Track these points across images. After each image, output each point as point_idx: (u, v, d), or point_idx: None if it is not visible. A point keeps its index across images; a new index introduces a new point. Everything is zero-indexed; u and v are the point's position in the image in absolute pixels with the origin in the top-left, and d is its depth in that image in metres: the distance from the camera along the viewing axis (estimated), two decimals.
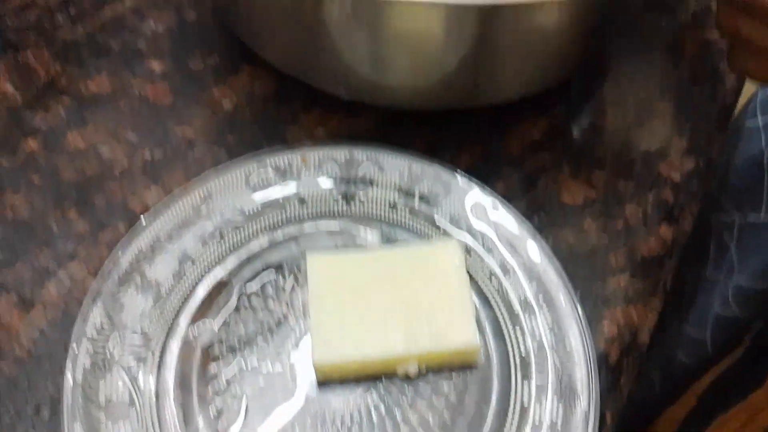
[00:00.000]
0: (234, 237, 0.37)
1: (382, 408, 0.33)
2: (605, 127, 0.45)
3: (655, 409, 0.65)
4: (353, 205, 0.39)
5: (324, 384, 0.33)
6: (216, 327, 0.35)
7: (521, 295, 0.36)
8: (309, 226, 0.38)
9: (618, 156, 0.43)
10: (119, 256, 0.35)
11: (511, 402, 0.33)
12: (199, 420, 0.32)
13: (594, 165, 0.43)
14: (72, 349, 0.32)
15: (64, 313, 0.36)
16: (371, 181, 0.39)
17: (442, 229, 0.38)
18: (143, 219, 0.36)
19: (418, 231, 0.38)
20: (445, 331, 0.33)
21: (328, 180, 0.39)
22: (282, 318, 0.35)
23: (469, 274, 0.36)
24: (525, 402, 0.33)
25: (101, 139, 0.42)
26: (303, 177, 0.39)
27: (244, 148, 0.42)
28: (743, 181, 0.56)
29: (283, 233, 0.38)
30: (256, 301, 0.36)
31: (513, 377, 0.34)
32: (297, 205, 0.38)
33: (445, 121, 0.43)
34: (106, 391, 0.32)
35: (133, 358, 0.33)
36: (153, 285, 0.35)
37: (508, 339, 0.35)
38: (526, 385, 0.33)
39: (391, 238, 0.38)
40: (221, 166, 0.39)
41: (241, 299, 0.36)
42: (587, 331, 0.34)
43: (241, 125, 0.43)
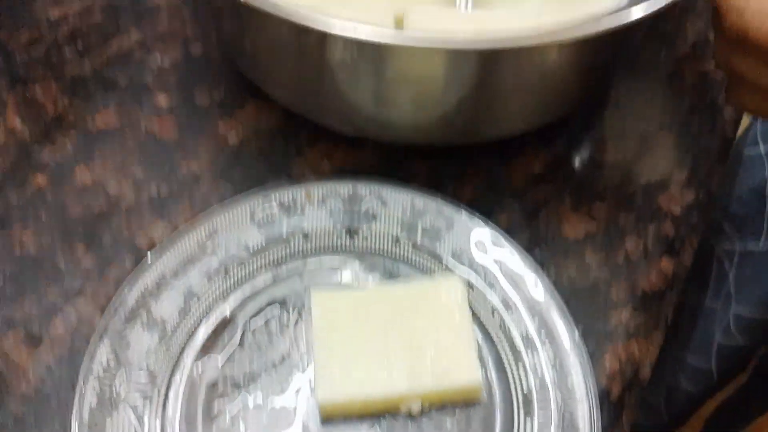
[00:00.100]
0: (239, 273, 0.38)
1: None
2: (606, 160, 0.45)
3: None
4: (357, 240, 0.39)
5: (328, 421, 0.34)
6: (220, 363, 0.35)
7: (523, 331, 0.36)
8: (313, 261, 0.39)
9: (618, 188, 0.44)
10: (125, 293, 0.36)
11: None
12: None
13: (595, 197, 0.43)
14: (79, 388, 0.33)
15: (71, 350, 0.36)
16: (374, 216, 0.40)
17: (444, 264, 0.38)
18: (149, 256, 0.37)
19: (420, 266, 0.39)
20: (448, 369, 0.34)
21: (331, 215, 0.40)
22: (286, 354, 0.36)
23: (472, 309, 0.37)
24: None
25: (108, 175, 0.42)
26: (307, 212, 0.40)
27: (249, 182, 0.42)
28: (744, 210, 0.56)
29: (287, 268, 0.38)
30: (260, 337, 0.36)
31: (515, 414, 0.34)
32: (301, 240, 0.39)
33: (448, 154, 0.44)
34: (112, 430, 0.32)
35: (140, 396, 0.33)
36: (159, 322, 0.35)
37: (510, 375, 0.35)
38: (528, 422, 0.34)
39: (394, 272, 0.39)
40: (227, 201, 0.39)
41: (246, 335, 0.36)
42: (589, 368, 0.35)
43: (247, 159, 0.44)
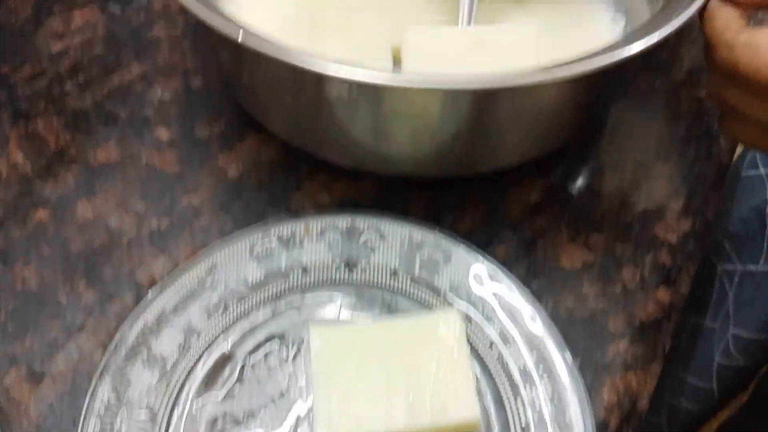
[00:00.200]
0: (238, 308, 0.38)
1: None
2: (602, 189, 0.46)
3: None
4: (355, 273, 0.40)
5: None
6: (220, 399, 0.35)
7: (521, 365, 0.36)
8: (311, 295, 0.39)
9: (615, 218, 0.44)
10: (126, 330, 0.36)
11: None
12: None
13: (592, 227, 0.44)
14: (80, 426, 0.33)
15: (72, 386, 0.36)
16: (373, 249, 0.40)
17: (442, 297, 0.39)
18: (150, 293, 0.37)
19: (419, 299, 0.39)
20: (447, 405, 0.34)
21: (330, 248, 0.40)
22: (285, 389, 0.36)
23: (470, 343, 0.37)
24: None
25: (109, 209, 0.43)
26: (306, 246, 0.40)
27: (249, 215, 0.43)
28: (744, 230, 0.56)
29: (286, 303, 0.39)
30: (259, 372, 0.36)
31: None
32: (300, 274, 0.39)
33: (446, 185, 0.44)
34: None
35: None
36: (159, 359, 0.36)
37: (508, 409, 0.35)
38: None
39: (392, 306, 0.39)
40: (227, 237, 0.40)
41: (245, 370, 0.36)
42: (587, 402, 0.35)
43: (247, 192, 0.44)
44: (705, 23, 0.37)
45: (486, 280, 0.39)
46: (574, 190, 0.45)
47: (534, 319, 0.37)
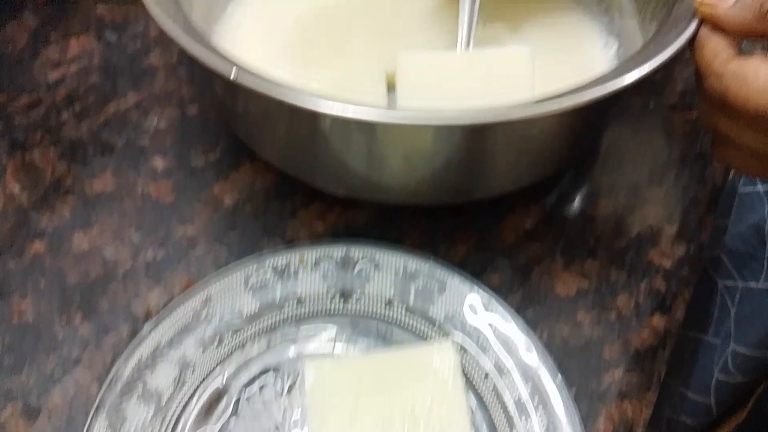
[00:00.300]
0: (233, 340, 0.38)
1: None
2: (596, 215, 0.46)
3: None
4: (350, 303, 0.40)
5: None
6: None
7: (516, 397, 0.36)
8: (306, 325, 0.39)
9: (609, 244, 0.44)
10: (122, 365, 0.36)
11: None
12: None
13: (586, 254, 0.44)
14: None
15: (68, 422, 0.37)
16: (367, 279, 0.40)
17: (437, 327, 0.39)
18: (145, 327, 0.37)
19: (414, 329, 0.39)
20: None
21: (325, 279, 0.40)
22: (280, 423, 0.36)
23: (465, 374, 0.37)
24: None
25: (105, 240, 0.43)
26: (300, 276, 0.40)
27: (244, 245, 0.43)
28: (744, 247, 0.56)
29: (281, 334, 0.39)
30: (254, 406, 0.37)
31: None
32: (295, 306, 0.39)
33: (441, 213, 0.44)
34: None
35: None
36: (154, 394, 0.36)
37: None
38: None
39: (387, 336, 0.39)
40: (222, 270, 0.40)
41: (240, 404, 0.37)
42: None
43: (242, 221, 0.44)
44: (695, 51, 0.37)
45: (481, 309, 0.39)
46: (568, 215, 0.46)
47: (529, 350, 0.37)
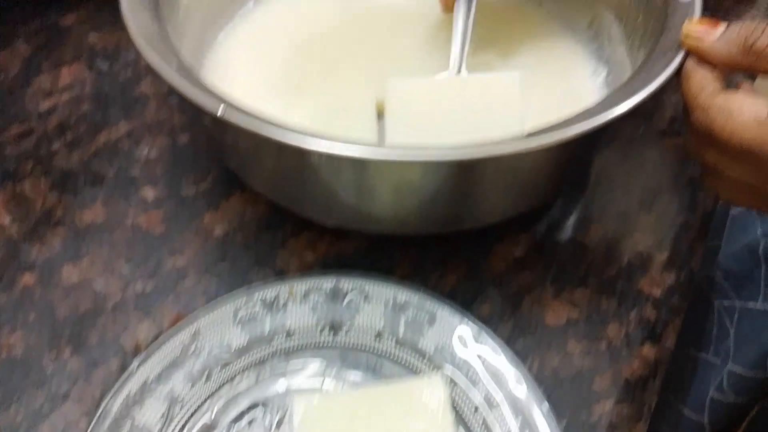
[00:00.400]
0: (221, 374, 0.38)
1: None
2: (586, 242, 0.46)
3: None
4: (339, 336, 0.40)
5: None
6: None
7: (506, 430, 0.36)
8: (295, 359, 0.39)
9: (600, 272, 0.44)
10: (110, 402, 0.36)
11: None
12: None
13: (576, 282, 0.44)
14: None
15: None
16: (357, 311, 0.40)
17: (427, 360, 0.39)
18: (134, 362, 0.37)
19: (403, 361, 0.39)
20: None
21: (314, 311, 0.40)
22: None
23: (455, 407, 0.37)
24: None
25: (95, 272, 0.43)
26: (290, 309, 0.40)
27: (234, 275, 0.43)
28: (739, 267, 0.56)
29: (271, 368, 0.39)
30: None
31: None
32: (284, 339, 0.39)
33: (431, 242, 0.44)
34: None
35: None
36: (143, 430, 0.36)
37: None
38: None
39: (377, 369, 0.39)
40: (210, 303, 0.40)
41: None
42: None
43: (232, 251, 0.44)
44: (682, 84, 0.37)
45: (470, 341, 0.39)
46: (558, 243, 0.46)
47: (519, 383, 0.37)
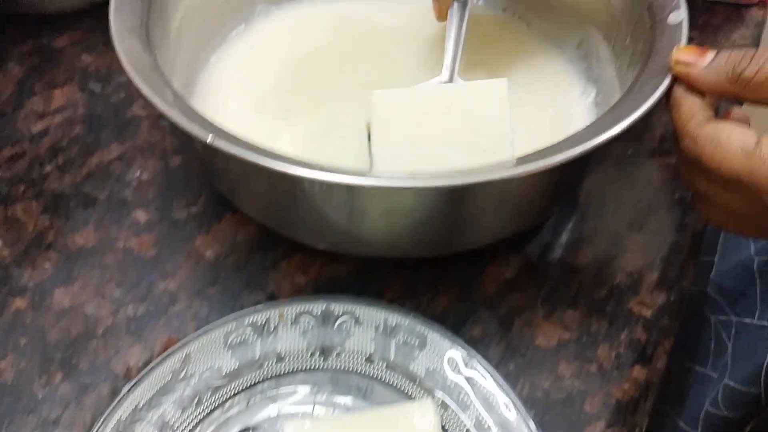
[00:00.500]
0: (212, 399, 0.38)
1: None
2: (577, 263, 0.46)
3: None
4: (330, 360, 0.40)
5: None
6: None
7: None
8: (286, 384, 0.39)
9: (590, 293, 0.44)
10: (101, 428, 0.36)
11: None
12: None
13: (567, 304, 0.44)
14: None
15: None
16: (348, 335, 0.40)
17: (418, 384, 0.39)
18: (124, 388, 0.37)
19: (394, 385, 0.39)
20: None
21: (305, 335, 0.40)
22: None
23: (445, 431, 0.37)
24: None
25: (86, 297, 0.43)
26: (280, 333, 0.40)
27: (225, 298, 0.43)
28: (734, 285, 0.57)
29: (261, 392, 0.39)
30: None
31: None
32: (274, 363, 0.39)
33: (422, 264, 0.45)
34: None
35: None
36: None
37: None
38: None
39: (368, 393, 0.39)
40: (201, 329, 0.40)
41: None
42: None
43: (223, 274, 0.44)
44: (671, 111, 0.37)
45: (461, 365, 0.39)
46: (549, 264, 0.46)
47: (509, 407, 0.37)
